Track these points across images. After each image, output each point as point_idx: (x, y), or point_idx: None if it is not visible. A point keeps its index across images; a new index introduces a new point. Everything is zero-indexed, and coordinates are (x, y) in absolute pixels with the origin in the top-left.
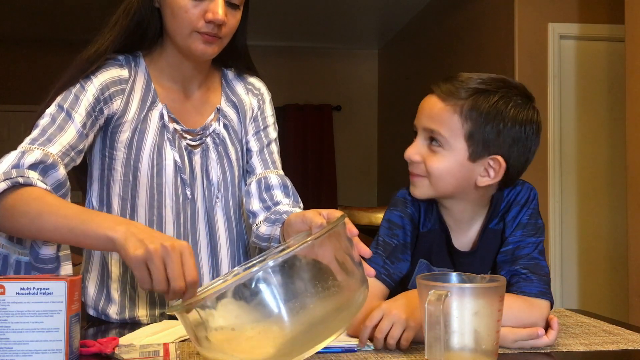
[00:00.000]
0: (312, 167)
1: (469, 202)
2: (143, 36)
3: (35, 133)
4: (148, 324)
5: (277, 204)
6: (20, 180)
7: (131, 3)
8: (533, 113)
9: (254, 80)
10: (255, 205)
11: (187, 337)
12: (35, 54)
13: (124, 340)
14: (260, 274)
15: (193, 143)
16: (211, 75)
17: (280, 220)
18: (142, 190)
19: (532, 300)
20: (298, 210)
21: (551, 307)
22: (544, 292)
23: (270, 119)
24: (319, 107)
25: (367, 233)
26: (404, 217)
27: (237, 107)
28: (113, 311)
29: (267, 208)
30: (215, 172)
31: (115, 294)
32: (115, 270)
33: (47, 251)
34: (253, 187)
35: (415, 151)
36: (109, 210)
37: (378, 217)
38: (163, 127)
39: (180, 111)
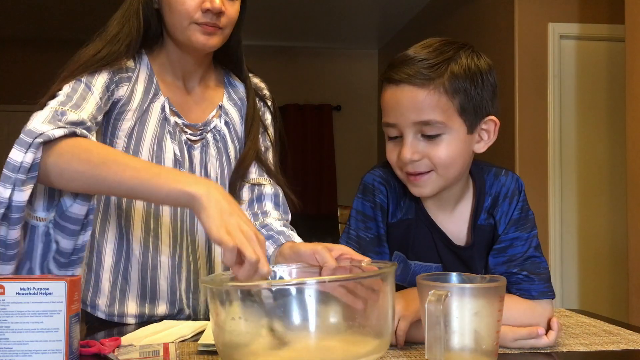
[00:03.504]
0: (312, 167)
1: (458, 183)
2: (145, 37)
3: (61, 97)
4: (135, 324)
5: (265, 213)
6: (77, 131)
7: (133, 8)
8: (484, 57)
9: (256, 81)
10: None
11: (187, 337)
12: (35, 54)
13: (124, 340)
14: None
15: (193, 138)
16: (214, 73)
17: (275, 241)
18: None
19: (535, 304)
20: (287, 229)
21: (552, 298)
22: (546, 292)
23: (269, 122)
24: (319, 107)
25: None
26: (375, 208)
27: (239, 107)
28: (102, 303)
29: (254, 215)
30: (213, 168)
31: (105, 284)
32: (108, 259)
33: (77, 210)
34: (245, 193)
35: (412, 150)
36: (106, 200)
37: None
38: (164, 119)
39: (182, 105)
